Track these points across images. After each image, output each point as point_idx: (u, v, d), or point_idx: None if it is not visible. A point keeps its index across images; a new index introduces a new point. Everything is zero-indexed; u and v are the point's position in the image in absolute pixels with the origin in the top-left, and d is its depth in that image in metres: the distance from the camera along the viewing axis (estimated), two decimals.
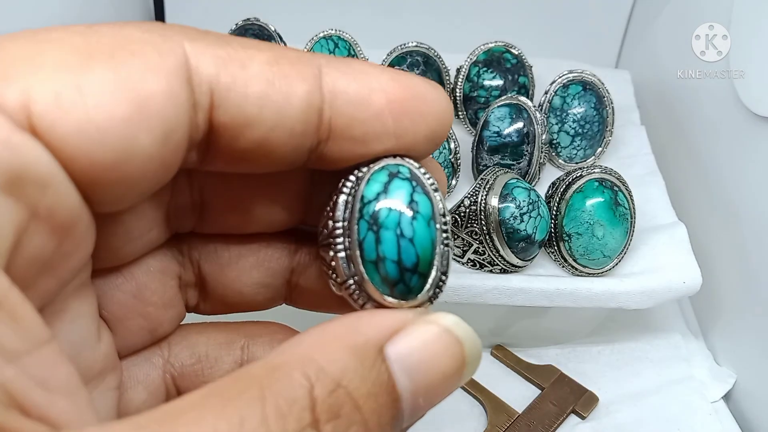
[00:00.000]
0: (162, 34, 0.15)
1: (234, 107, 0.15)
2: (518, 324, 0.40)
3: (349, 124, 0.17)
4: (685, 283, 0.36)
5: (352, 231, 0.17)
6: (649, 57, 0.52)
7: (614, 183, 0.36)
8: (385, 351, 0.16)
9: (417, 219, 0.17)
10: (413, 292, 0.17)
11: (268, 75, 0.16)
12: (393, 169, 0.18)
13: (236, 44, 0.16)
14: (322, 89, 0.16)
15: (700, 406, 0.37)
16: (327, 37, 0.44)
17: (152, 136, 0.14)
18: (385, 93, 0.17)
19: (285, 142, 0.16)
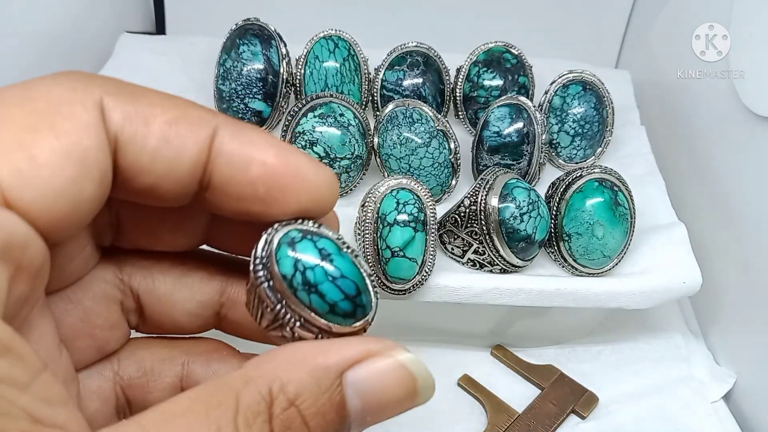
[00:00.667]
0: (85, 91, 0.18)
1: (131, 156, 0.19)
2: (518, 324, 0.40)
3: (226, 182, 0.20)
4: (685, 283, 0.36)
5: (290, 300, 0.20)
6: (649, 57, 0.52)
7: (614, 183, 0.36)
8: (344, 376, 0.18)
9: (335, 259, 0.20)
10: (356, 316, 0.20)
11: (166, 133, 0.19)
12: (290, 237, 0.20)
13: (146, 101, 0.19)
14: (211, 148, 0.19)
15: (700, 406, 0.37)
16: (327, 37, 0.44)
17: (94, 183, 0.18)
18: (263, 165, 0.20)
19: (172, 189, 0.20)
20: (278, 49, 0.43)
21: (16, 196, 0.16)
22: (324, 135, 0.38)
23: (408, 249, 0.33)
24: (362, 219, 0.33)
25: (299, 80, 0.43)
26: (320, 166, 0.21)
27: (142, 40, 0.51)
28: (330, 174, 0.21)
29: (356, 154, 0.39)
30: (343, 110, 0.39)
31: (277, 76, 0.43)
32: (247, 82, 0.42)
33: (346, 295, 0.20)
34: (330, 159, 0.39)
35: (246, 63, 0.42)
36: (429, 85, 0.44)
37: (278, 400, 0.17)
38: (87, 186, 0.17)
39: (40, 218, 0.17)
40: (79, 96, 0.18)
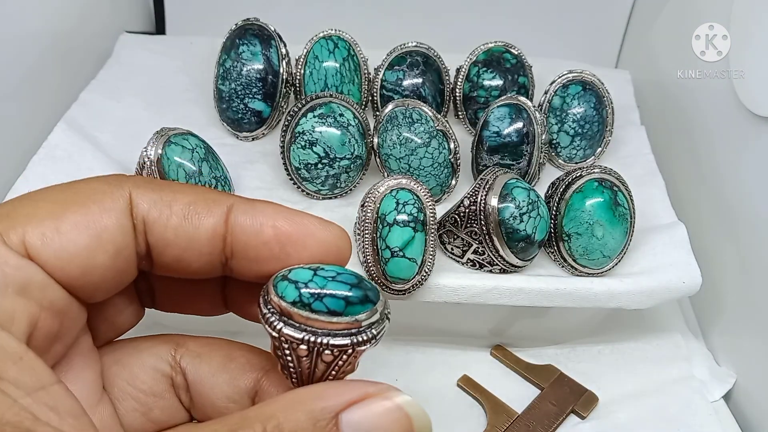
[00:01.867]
0: (119, 185, 0.22)
1: (157, 233, 0.22)
2: (518, 324, 0.40)
3: (244, 248, 0.23)
4: (685, 283, 0.36)
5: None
6: (649, 57, 0.52)
7: (614, 183, 0.36)
8: (340, 417, 0.20)
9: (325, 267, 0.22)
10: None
11: (185, 212, 0.23)
12: (280, 275, 0.22)
13: (169, 190, 0.23)
14: (227, 222, 0.23)
15: (700, 406, 0.37)
16: (327, 37, 0.44)
17: (107, 254, 0.21)
18: (274, 228, 0.23)
19: (197, 259, 0.23)
20: (278, 49, 0.43)
21: (36, 254, 0.20)
22: (324, 135, 0.38)
23: (408, 249, 0.33)
24: (362, 219, 0.33)
25: (299, 80, 0.44)
26: (328, 222, 0.24)
27: (142, 40, 0.51)
28: (338, 228, 0.24)
29: (356, 154, 0.39)
30: (343, 110, 0.39)
31: (276, 76, 0.43)
32: (246, 82, 0.42)
33: (351, 284, 0.21)
34: (330, 159, 0.39)
35: (246, 63, 0.42)
36: (429, 85, 0.44)
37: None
38: (100, 256, 0.21)
39: (56, 273, 0.21)
40: (110, 188, 0.22)
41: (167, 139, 0.36)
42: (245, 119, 0.43)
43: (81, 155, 0.40)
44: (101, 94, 0.45)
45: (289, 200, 0.40)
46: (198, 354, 0.25)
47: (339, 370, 0.21)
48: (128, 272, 0.23)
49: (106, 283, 0.22)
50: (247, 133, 0.44)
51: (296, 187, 0.40)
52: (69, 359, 0.23)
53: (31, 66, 0.45)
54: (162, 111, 0.45)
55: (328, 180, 0.39)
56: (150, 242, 0.23)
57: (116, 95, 0.46)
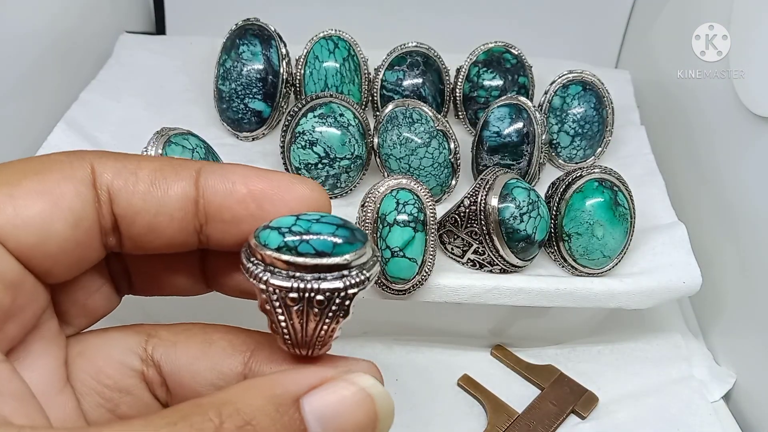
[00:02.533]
0: (79, 157, 0.21)
1: (124, 202, 0.21)
2: (518, 324, 0.40)
3: (219, 210, 0.22)
4: (685, 283, 0.36)
5: None
6: (649, 57, 0.52)
7: (614, 183, 0.36)
8: (301, 402, 0.19)
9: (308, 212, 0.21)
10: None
11: (152, 178, 0.21)
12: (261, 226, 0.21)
13: (134, 159, 0.22)
14: (196, 185, 0.22)
15: (700, 406, 0.37)
16: (327, 37, 0.44)
17: (65, 223, 0.20)
18: (246, 185, 0.22)
19: (168, 225, 0.22)
20: (278, 49, 0.43)
21: None
22: (324, 135, 0.38)
23: (408, 249, 0.33)
24: (362, 219, 0.33)
25: (299, 80, 0.44)
26: (303, 178, 0.23)
27: (142, 40, 0.51)
28: (314, 182, 0.23)
29: (356, 154, 0.39)
30: (343, 110, 0.39)
31: (276, 76, 0.43)
32: (246, 82, 0.42)
33: (337, 225, 0.20)
34: (330, 159, 0.39)
35: (246, 63, 0.42)
36: (429, 85, 0.44)
37: (232, 419, 0.18)
38: (56, 224, 0.20)
39: (8, 241, 0.20)
40: (70, 158, 0.21)
41: (167, 139, 0.36)
42: (245, 119, 0.43)
43: None
44: (101, 94, 0.45)
45: None
46: (173, 342, 0.24)
47: (333, 317, 0.20)
48: (91, 247, 0.22)
49: (66, 256, 0.21)
50: (247, 133, 0.44)
51: None
52: (28, 344, 0.21)
53: (31, 66, 0.45)
54: (162, 111, 0.45)
55: (328, 180, 0.40)
56: (117, 213, 0.21)
57: (116, 95, 0.46)
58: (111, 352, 0.23)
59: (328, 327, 0.20)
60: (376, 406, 0.20)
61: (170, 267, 0.25)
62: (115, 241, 0.22)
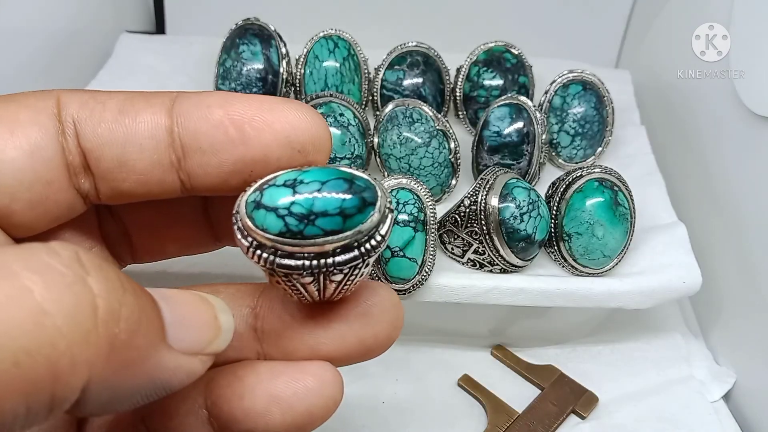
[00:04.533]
0: (47, 92, 0.20)
1: (90, 133, 0.19)
2: (518, 324, 0.40)
3: (194, 136, 0.20)
4: (685, 283, 0.36)
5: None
6: (649, 57, 0.52)
7: (614, 183, 0.36)
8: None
9: (306, 175, 0.18)
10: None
11: (120, 107, 0.20)
12: (251, 199, 0.18)
13: (103, 94, 0.20)
14: (169, 113, 0.20)
15: (700, 406, 0.37)
16: (327, 37, 0.44)
17: (20, 150, 0.19)
18: (223, 107, 0.20)
19: (138, 157, 0.20)
20: (278, 48, 0.43)
21: None
22: None
23: (408, 249, 0.33)
24: None
25: (299, 80, 0.43)
26: (286, 99, 0.20)
27: (142, 40, 0.51)
28: (302, 105, 0.20)
29: (356, 153, 0.39)
30: (343, 110, 0.39)
31: (276, 75, 0.43)
32: (246, 82, 0.42)
33: (343, 190, 0.17)
34: (330, 159, 0.39)
35: (246, 63, 0.42)
36: (429, 84, 0.44)
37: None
38: (11, 151, 0.19)
39: None
40: (37, 93, 0.20)
41: None
42: None
43: None
44: None
45: None
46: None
47: (353, 279, 0.18)
48: (60, 188, 0.20)
49: (28, 192, 0.19)
50: None
51: None
52: None
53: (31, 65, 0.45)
54: None
55: None
56: (84, 147, 0.20)
57: None
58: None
59: (348, 286, 0.19)
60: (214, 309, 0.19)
61: (171, 222, 0.23)
62: (88, 184, 0.20)
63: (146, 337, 0.16)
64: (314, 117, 0.20)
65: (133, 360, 0.15)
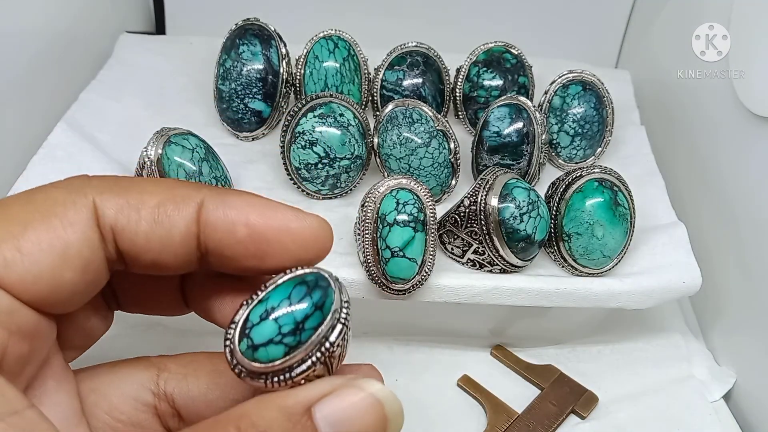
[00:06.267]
0: (80, 193, 0.21)
1: (128, 241, 0.22)
2: (518, 324, 0.40)
3: (219, 247, 0.22)
4: (685, 283, 0.36)
5: (258, 296, 0.22)
6: (649, 57, 0.52)
7: (614, 183, 0.36)
8: (313, 410, 0.20)
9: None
10: (255, 359, 0.21)
11: (154, 216, 0.22)
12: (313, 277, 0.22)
13: (135, 191, 0.22)
14: (198, 221, 0.22)
15: (700, 406, 0.37)
16: (327, 37, 0.44)
17: (74, 271, 0.21)
18: (246, 227, 0.22)
19: (173, 261, 0.22)
20: (278, 49, 0.43)
21: (0, 279, 0.20)
22: (324, 135, 0.38)
23: (408, 249, 0.33)
24: (362, 219, 0.33)
25: (299, 80, 0.44)
26: (304, 215, 0.23)
27: (142, 40, 0.51)
28: (315, 219, 0.23)
29: (356, 154, 0.39)
30: (343, 110, 0.39)
31: (276, 76, 0.43)
32: (246, 82, 0.42)
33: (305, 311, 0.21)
34: (330, 159, 0.39)
35: (246, 63, 0.42)
36: (429, 85, 0.44)
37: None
38: (66, 274, 0.21)
39: (23, 295, 0.20)
40: (72, 197, 0.21)
41: (167, 138, 0.36)
42: (245, 119, 0.43)
43: (81, 155, 0.40)
44: (101, 94, 0.45)
45: (289, 200, 0.40)
46: (183, 375, 0.25)
47: (338, 357, 0.21)
48: (99, 282, 0.22)
49: (76, 296, 0.22)
50: (247, 133, 0.44)
51: (296, 187, 0.40)
52: (42, 382, 0.22)
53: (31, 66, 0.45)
54: (162, 111, 0.45)
55: (328, 180, 0.40)
56: (121, 249, 0.22)
57: (116, 95, 0.46)
58: (124, 389, 0.24)
59: (336, 362, 0.21)
60: (385, 409, 0.21)
61: (155, 287, 0.25)
62: (120, 264, 0.23)
63: None
64: (322, 231, 0.23)
65: None
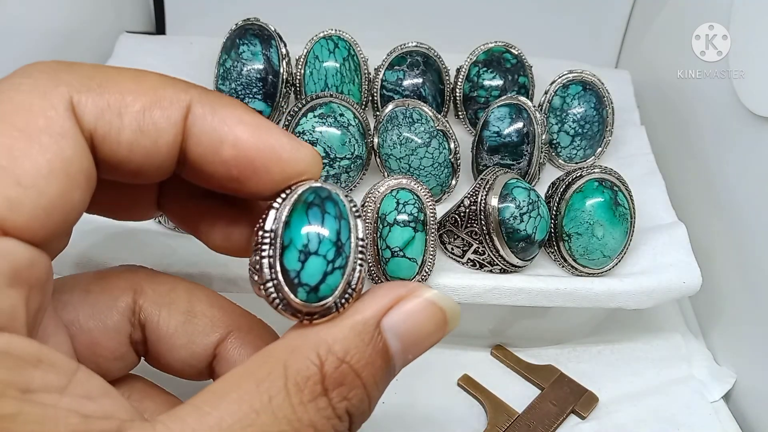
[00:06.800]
0: (54, 92, 0.18)
1: (108, 151, 0.19)
2: (518, 324, 0.40)
3: (198, 161, 0.20)
4: (685, 283, 0.36)
5: (277, 241, 0.20)
6: (649, 57, 0.52)
7: (614, 183, 0.36)
8: (382, 324, 0.20)
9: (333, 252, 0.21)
10: (321, 298, 0.21)
11: (140, 123, 0.19)
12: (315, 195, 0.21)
13: (116, 90, 0.19)
14: (185, 130, 0.20)
15: (700, 406, 0.37)
16: (327, 37, 0.44)
17: (81, 189, 0.19)
18: (235, 147, 0.20)
19: (154, 171, 0.20)
20: (278, 49, 0.43)
21: (10, 224, 0.17)
22: (324, 135, 0.38)
23: (408, 249, 0.33)
24: None
25: (299, 80, 0.44)
26: (298, 144, 0.21)
27: (142, 40, 0.51)
28: (307, 150, 0.22)
29: (356, 154, 0.39)
30: (343, 110, 0.39)
31: (276, 76, 0.43)
32: (246, 82, 0.42)
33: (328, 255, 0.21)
34: (330, 159, 0.39)
35: (246, 63, 0.42)
36: (429, 85, 0.44)
37: (328, 361, 0.19)
38: (75, 194, 0.18)
39: (37, 235, 0.18)
40: (49, 101, 0.18)
41: None
42: None
43: None
44: None
45: None
46: (158, 307, 0.24)
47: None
48: (90, 197, 0.20)
49: (79, 215, 0.20)
50: None
51: None
52: (45, 325, 0.21)
53: None
54: None
55: (328, 180, 0.40)
56: (100, 157, 0.19)
57: None
58: (105, 322, 0.23)
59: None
60: (446, 315, 0.22)
61: (127, 191, 0.24)
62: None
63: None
64: (314, 163, 0.22)
65: None
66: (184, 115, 0.20)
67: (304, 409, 0.19)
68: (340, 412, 0.19)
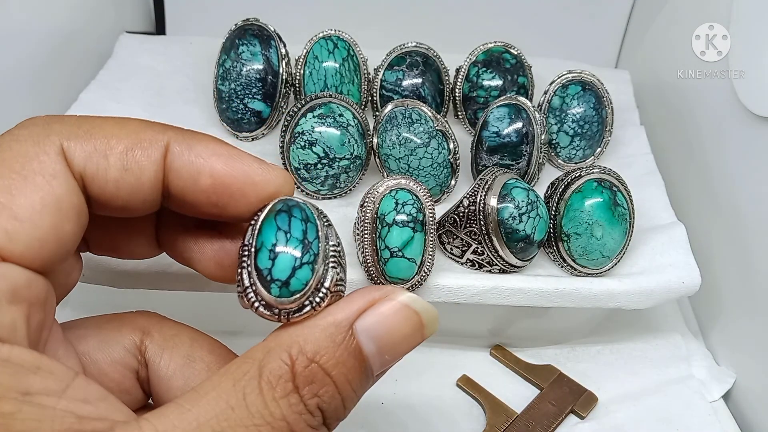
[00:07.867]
0: (46, 141, 0.21)
1: (97, 189, 0.22)
2: (517, 324, 0.40)
3: (181, 193, 0.23)
4: (685, 283, 0.36)
5: (252, 250, 0.22)
6: (649, 57, 0.52)
7: (613, 183, 0.36)
8: (354, 326, 0.21)
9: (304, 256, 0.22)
10: (293, 293, 0.22)
11: (123, 162, 0.22)
12: (283, 204, 0.23)
13: (101, 135, 0.22)
14: (166, 167, 0.22)
15: (700, 406, 0.37)
16: (327, 37, 0.44)
17: (72, 222, 0.21)
18: (211, 177, 0.23)
19: (141, 205, 0.23)
20: (277, 49, 0.43)
21: (8, 252, 0.19)
22: (323, 135, 0.38)
23: (407, 249, 0.33)
24: (361, 219, 0.33)
25: (298, 80, 0.44)
26: (268, 168, 0.24)
27: (142, 40, 0.51)
28: (280, 173, 0.24)
29: (355, 154, 0.39)
30: (343, 110, 0.39)
31: (276, 76, 0.43)
32: (246, 83, 0.42)
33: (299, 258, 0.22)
34: (329, 159, 0.39)
35: (245, 63, 0.42)
36: (428, 85, 0.44)
37: (299, 361, 0.21)
38: (67, 226, 0.21)
39: (34, 262, 0.20)
40: (42, 147, 0.21)
41: None
42: (245, 119, 0.43)
43: None
44: (101, 95, 0.45)
45: None
46: (161, 350, 0.25)
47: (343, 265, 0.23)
48: (85, 226, 0.22)
49: (72, 246, 0.22)
50: (247, 133, 0.44)
51: (296, 187, 0.40)
52: (54, 346, 0.22)
53: (31, 66, 0.45)
54: (162, 111, 0.45)
55: (327, 180, 0.40)
56: (91, 195, 0.22)
57: (116, 95, 0.46)
58: (113, 354, 0.25)
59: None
60: (422, 319, 0.23)
61: (127, 231, 0.26)
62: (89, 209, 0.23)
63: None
64: (285, 184, 0.24)
65: None
66: (163, 153, 0.22)
67: (276, 405, 0.20)
68: (311, 408, 0.21)
